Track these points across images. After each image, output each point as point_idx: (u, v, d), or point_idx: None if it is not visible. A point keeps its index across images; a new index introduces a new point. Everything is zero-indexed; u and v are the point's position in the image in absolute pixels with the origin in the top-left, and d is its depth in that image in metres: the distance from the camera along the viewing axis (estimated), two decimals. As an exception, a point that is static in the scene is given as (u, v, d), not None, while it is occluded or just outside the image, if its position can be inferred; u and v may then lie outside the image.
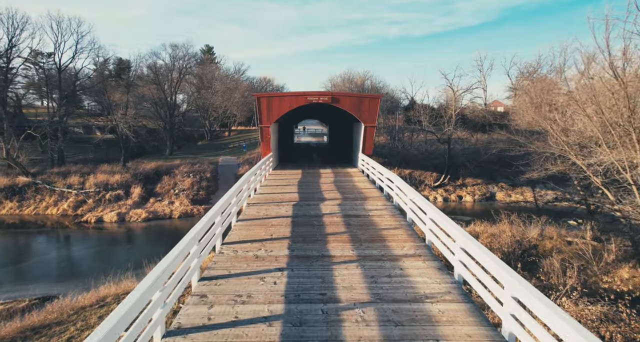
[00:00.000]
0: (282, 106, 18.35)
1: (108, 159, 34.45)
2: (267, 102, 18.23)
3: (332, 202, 11.50)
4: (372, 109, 18.77)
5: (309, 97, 18.49)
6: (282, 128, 25.69)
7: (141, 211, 25.21)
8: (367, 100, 18.97)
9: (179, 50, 42.66)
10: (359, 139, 20.26)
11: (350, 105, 18.68)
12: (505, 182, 34.28)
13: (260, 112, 18.24)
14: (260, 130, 18.59)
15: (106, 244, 20.83)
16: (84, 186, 27.02)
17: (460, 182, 34.56)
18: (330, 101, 18.45)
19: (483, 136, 43.89)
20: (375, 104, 18.87)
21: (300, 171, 18.92)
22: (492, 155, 34.19)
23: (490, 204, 32.19)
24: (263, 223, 9.13)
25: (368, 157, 16.80)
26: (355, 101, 18.86)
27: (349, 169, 19.85)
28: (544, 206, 30.16)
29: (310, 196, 12.37)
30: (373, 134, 19.39)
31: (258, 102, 18.19)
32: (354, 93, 18.33)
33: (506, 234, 14.81)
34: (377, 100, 19.29)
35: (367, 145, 19.27)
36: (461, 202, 32.54)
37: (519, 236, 14.71)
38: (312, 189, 13.79)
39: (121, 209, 25.22)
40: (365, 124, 18.74)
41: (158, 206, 26.83)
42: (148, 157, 40.91)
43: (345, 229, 8.61)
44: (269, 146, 18.78)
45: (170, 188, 29.49)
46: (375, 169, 14.34)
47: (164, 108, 42.62)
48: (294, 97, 18.71)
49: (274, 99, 18.77)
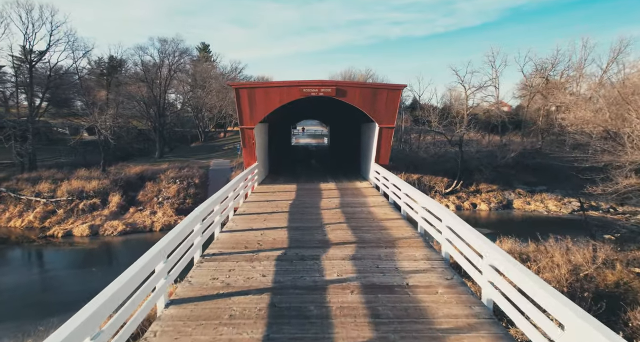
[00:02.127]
0: (270, 101, 14.33)
1: (88, 162, 31.47)
2: (248, 95, 14.09)
3: (342, 251, 7.25)
4: (390, 104, 14.60)
5: (305, 88, 14.24)
6: (274, 129, 21.94)
7: (118, 223, 22.25)
8: (385, 93, 14.59)
9: (168, 46, 39.77)
10: (370, 144, 16.32)
11: (361, 100, 14.62)
12: (522, 188, 31.33)
13: (240, 109, 14.22)
14: (241, 133, 14.55)
15: (67, 265, 17.84)
16: (55, 193, 24.06)
17: (474, 189, 31.59)
18: (334, 94, 14.34)
19: (494, 138, 40.99)
20: (395, 98, 14.66)
21: (295, 186, 15.17)
22: (509, 158, 31.25)
23: (507, 213, 29.26)
24: (215, 314, 4.86)
25: (385, 170, 12.92)
26: (367, 94, 14.61)
27: (357, 183, 16.01)
28: (570, 215, 27.21)
29: (306, 237, 8.07)
30: (391, 138, 15.00)
31: (237, 95, 14.10)
32: (366, 83, 15.03)
33: (554, 259, 11.84)
34: (398, 92, 14.74)
35: (383, 153, 15.21)
36: (475, 211, 29.57)
37: (567, 261, 11.73)
38: (310, 221, 9.50)
39: (95, 221, 22.25)
40: (381, 124, 14.81)
41: (138, 216, 23.86)
42: (135, 160, 38.02)
43: (373, 333, 4.40)
44: (253, 154, 14.92)
45: (154, 196, 26.53)
46: (400, 190, 10.22)
47: (153, 108, 39.72)
48: (286, 89, 14.42)
49: (258, 91, 14.33)
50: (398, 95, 14.85)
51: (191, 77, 46.90)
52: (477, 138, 38.70)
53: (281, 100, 14.53)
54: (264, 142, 17.43)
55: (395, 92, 14.80)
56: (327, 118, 38.19)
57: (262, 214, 10.20)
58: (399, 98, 14.89)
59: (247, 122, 14.48)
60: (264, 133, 17.16)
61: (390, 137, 15.08)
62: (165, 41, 40.06)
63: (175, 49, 39.97)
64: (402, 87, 15.15)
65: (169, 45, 39.91)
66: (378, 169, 13.81)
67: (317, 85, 14.44)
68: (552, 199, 29.46)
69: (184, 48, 42.60)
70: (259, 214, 10.10)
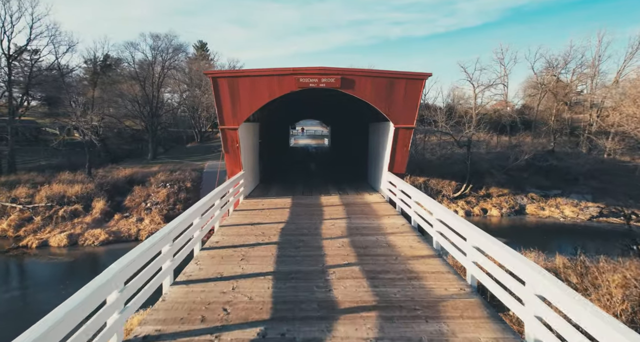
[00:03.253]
0: (257, 93, 11.43)
1: (75, 165, 29.63)
2: (230, 86, 11.17)
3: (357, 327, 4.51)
4: (410, 98, 11.58)
5: (302, 77, 11.30)
6: (269, 130, 19.46)
7: (100, 232, 20.43)
8: (403, 84, 11.55)
9: (160, 42, 37.92)
10: (381, 147, 13.56)
11: (373, 92, 11.65)
12: (535, 193, 29.46)
13: (219, 105, 11.42)
14: (222, 136, 11.70)
15: (37, 280, 16.01)
16: (33, 199, 22.23)
17: (484, 192, 29.73)
18: (339, 85, 11.47)
19: (502, 138, 39.13)
20: (416, 90, 11.62)
21: (290, 200, 12.31)
22: (522, 161, 29.41)
23: (520, 219, 27.41)
24: None
25: (402, 181, 10.33)
26: (381, 85, 11.58)
27: (366, 195, 13.14)
28: (589, 222, 25.35)
29: (301, 295, 5.37)
30: (409, 141, 11.99)
31: (215, 86, 11.24)
32: (380, 71, 12.41)
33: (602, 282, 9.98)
34: (421, 83, 11.65)
35: (398, 160, 12.20)
36: (486, 216, 27.73)
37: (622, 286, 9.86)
38: (307, 260, 6.77)
39: (75, 229, 20.43)
40: (398, 124, 11.83)
41: (123, 224, 22.04)
42: (127, 162, 36.20)
43: None
44: (238, 160, 12.05)
45: (142, 201, 24.72)
46: (432, 215, 7.50)
47: (147, 107, 37.89)
48: (277, 79, 11.40)
49: (242, 81, 11.31)
50: (420, 87, 11.66)
51: (187, 76, 45.12)
52: (485, 139, 36.88)
53: (271, 94, 11.48)
54: (254, 145, 14.86)
55: (417, 83, 11.63)
56: (328, 117, 36.31)
57: (241, 247, 7.44)
58: (421, 90, 11.68)
59: (228, 121, 11.56)
60: (253, 135, 14.66)
61: (409, 140, 12.06)
62: (157, 37, 38.27)
63: (168, 45, 38.18)
64: (425, 77, 11.68)
65: (161, 41, 38.12)
66: (393, 179, 11.19)
67: (317, 73, 11.48)
68: (567, 204, 27.60)
69: (178, 44, 40.81)
70: (237, 248, 7.37)
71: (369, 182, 16.33)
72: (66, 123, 28.48)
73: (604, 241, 20.90)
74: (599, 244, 20.29)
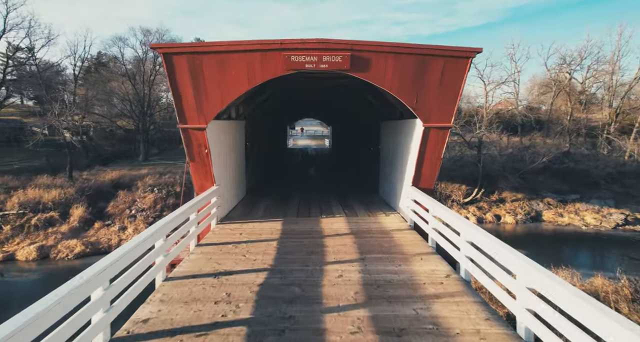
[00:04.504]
0: (232, 78, 8.16)
1: (57, 167, 27.60)
2: (190, 67, 7.98)
3: None
4: (449, 84, 8.39)
5: (294, 55, 8.05)
6: (258, 129, 16.47)
7: (75, 243, 18.41)
8: (440, 64, 8.27)
9: (152, 37, 35.89)
10: (401, 153, 10.57)
11: (396, 77, 8.36)
12: (552, 198, 27.37)
13: (177, 94, 8.25)
14: (183, 138, 8.65)
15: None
16: (4, 205, 20.20)
17: (497, 197, 27.64)
18: (348, 66, 8.22)
19: (512, 139, 37.03)
20: (459, 73, 8.36)
21: (280, 225, 9.36)
22: (539, 163, 27.35)
23: (536, 226, 25.32)
24: None
25: (438, 204, 7.42)
26: (408, 66, 8.31)
27: (382, 217, 10.16)
28: (614, 230, 23.25)
29: None
30: (444, 145, 8.92)
31: (168, 68, 8.09)
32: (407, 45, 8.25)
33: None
34: (466, 62, 8.35)
35: (427, 171, 9.09)
36: (499, 224, 25.66)
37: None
38: None
39: (47, 241, 18.40)
40: (429, 122, 8.66)
41: (104, 233, 20.03)
42: (117, 164, 34.26)
43: None
44: (208, 171, 9.01)
45: (126, 207, 22.69)
46: (516, 278, 4.51)
47: (138, 106, 35.88)
48: (258, 57, 8.12)
49: (208, 59, 8.07)
50: (464, 68, 8.30)
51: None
52: (496, 139, 34.81)
53: (252, 78, 8.19)
54: (236, 149, 11.95)
55: (460, 63, 8.25)
56: (329, 115, 34.16)
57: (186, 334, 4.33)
58: (465, 74, 8.35)
59: (191, 117, 8.32)
60: (234, 136, 11.61)
61: (442, 145, 8.86)
62: (148, 32, 36.26)
63: (160, 40, 36.11)
64: (472, 54, 8.24)
65: (152, 36, 36.10)
66: (420, 198, 8.28)
67: (315, 48, 8.06)
68: (588, 210, 25.49)
69: (171, 39, 38.75)
70: (182, 334, 4.35)
71: (380, 196, 13.42)
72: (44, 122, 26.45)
73: (636, 253, 18.86)
74: (632, 257, 18.27)
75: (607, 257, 19.45)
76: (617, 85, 31.60)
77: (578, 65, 33.31)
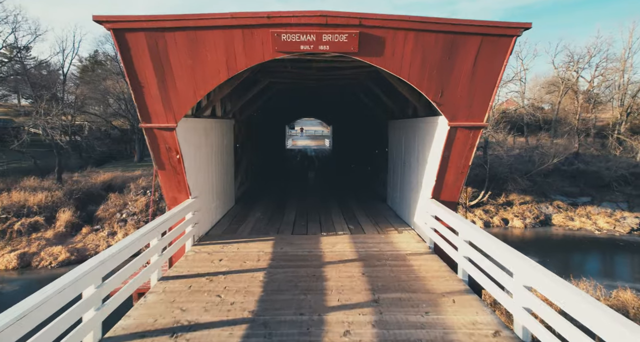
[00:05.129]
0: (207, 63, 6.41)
1: (48, 169, 26.54)
2: (152, 50, 6.23)
3: None
4: (485, 70, 6.75)
5: (286, 32, 6.23)
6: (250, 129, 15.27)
7: (60, 249, 17.35)
8: (475, 44, 6.52)
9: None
10: (415, 157, 9.13)
11: (416, 62, 6.64)
12: (562, 200, 26.30)
13: (136, 83, 6.57)
14: (148, 140, 6.96)
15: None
16: (-14, 210, 19.13)
17: (504, 200, 26.58)
18: (356, 47, 6.46)
19: (517, 139, 35.95)
20: (499, 55, 6.67)
21: (271, 245, 7.89)
22: (550, 164, 26.28)
23: (546, 231, 24.23)
24: None
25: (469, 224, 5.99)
26: (432, 46, 6.57)
27: (393, 234, 8.69)
28: (629, 235, 22.15)
29: None
30: (474, 149, 7.46)
31: (123, 49, 6.28)
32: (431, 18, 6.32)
33: None
34: (509, 42, 6.54)
35: (451, 180, 7.61)
36: (507, 228, 24.58)
37: None
38: None
39: (30, 247, 17.34)
40: (456, 120, 7.17)
41: (91, 239, 18.97)
42: (111, 165, 33.28)
43: None
44: (181, 181, 7.41)
45: (117, 211, 21.64)
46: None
47: (134, 105, 34.81)
48: (240, 34, 6.29)
49: (174, 38, 6.27)
50: (506, 49, 6.59)
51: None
52: (501, 140, 33.76)
53: (232, 64, 6.43)
54: (221, 152, 10.30)
55: (501, 43, 6.52)
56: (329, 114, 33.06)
57: None
58: (506, 57, 6.66)
59: (156, 114, 6.68)
60: (219, 137, 9.97)
61: (472, 148, 7.40)
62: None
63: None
64: (520, 29, 6.43)
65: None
66: (442, 213, 6.89)
67: (314, 23, 6.31)
68: (600, 213, 24.42)
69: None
70: None
71: (388, 205, 11.93)
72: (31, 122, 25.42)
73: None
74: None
75: (625, 265, 18.38)
76: (628, 84, 30.53)
77: (587, 63, 32.21)
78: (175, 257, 7.03)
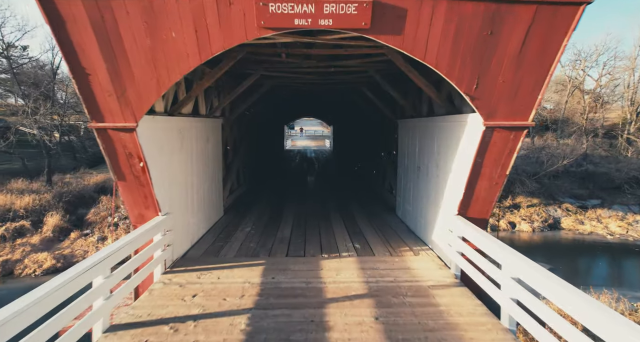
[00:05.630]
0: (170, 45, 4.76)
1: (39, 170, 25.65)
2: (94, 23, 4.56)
3: None
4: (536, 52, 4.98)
5: (274, 3, 4.55)
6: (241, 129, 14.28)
7: (46, 256, 16.46)
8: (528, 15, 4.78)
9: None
10: (436, 165, 7.60)
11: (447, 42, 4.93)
12: (571, 203, 25.39)
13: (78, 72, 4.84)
14: (101, 144, 5.44)
15: None
16: (-30, 214, 18.25)
17: (510, 203, 25.68)
18: (369, 22, 4.75)
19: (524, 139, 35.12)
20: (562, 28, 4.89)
21: (260, 273, 6.33)
22: (560, 166, 25.38)
23: (555, 235, 23.30)
24: None
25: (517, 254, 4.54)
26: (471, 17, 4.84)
27: (408, 256, 7.26)
28: None
29: None
30: (514, 154, 5.96)
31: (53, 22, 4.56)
32: None
33: None
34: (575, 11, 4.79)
35: (482, 192, 6.38)
36: (514, 232, 23.66)
37: None
38: None
39: (14, 254, 16.44)
40: (494, 118, 5.51)
41: (80, 244, 18.07)
42: (104, 167, 32.37)
43: None
44: (148, 194, 5.87)
45: (109, 214, 20.73)
46: None
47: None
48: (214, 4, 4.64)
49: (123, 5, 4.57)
50: (569, 22, 4.92)
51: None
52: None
53: (204, 45, 4.80)
54: (205, 157, 8.86)
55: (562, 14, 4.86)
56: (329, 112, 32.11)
57: None
58: (569, 32, 5.03)
59: (109, 110, 5.13)
60: (202, 139, 8.54)
61: (512, 154, 6.07)
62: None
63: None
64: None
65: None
66: (473, 235, 5.67)
67: None
68: (611, 217, 23.51)
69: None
70: None
71: (399, 216, 10.56)
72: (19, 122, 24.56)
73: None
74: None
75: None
76: (638, 82, 29.64)
77: (595, 61, 31.30)
78: (142, 287, 5.94)
